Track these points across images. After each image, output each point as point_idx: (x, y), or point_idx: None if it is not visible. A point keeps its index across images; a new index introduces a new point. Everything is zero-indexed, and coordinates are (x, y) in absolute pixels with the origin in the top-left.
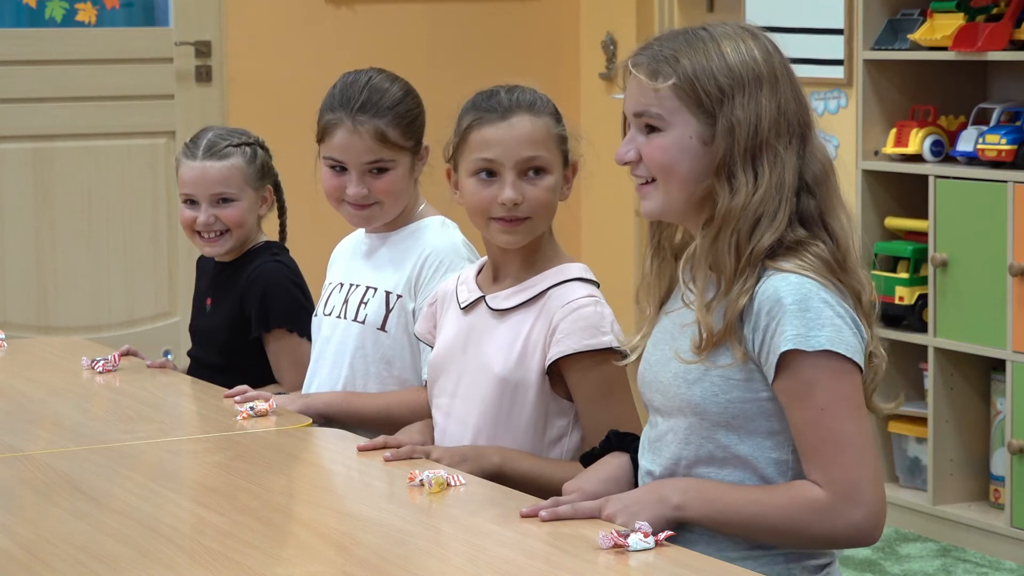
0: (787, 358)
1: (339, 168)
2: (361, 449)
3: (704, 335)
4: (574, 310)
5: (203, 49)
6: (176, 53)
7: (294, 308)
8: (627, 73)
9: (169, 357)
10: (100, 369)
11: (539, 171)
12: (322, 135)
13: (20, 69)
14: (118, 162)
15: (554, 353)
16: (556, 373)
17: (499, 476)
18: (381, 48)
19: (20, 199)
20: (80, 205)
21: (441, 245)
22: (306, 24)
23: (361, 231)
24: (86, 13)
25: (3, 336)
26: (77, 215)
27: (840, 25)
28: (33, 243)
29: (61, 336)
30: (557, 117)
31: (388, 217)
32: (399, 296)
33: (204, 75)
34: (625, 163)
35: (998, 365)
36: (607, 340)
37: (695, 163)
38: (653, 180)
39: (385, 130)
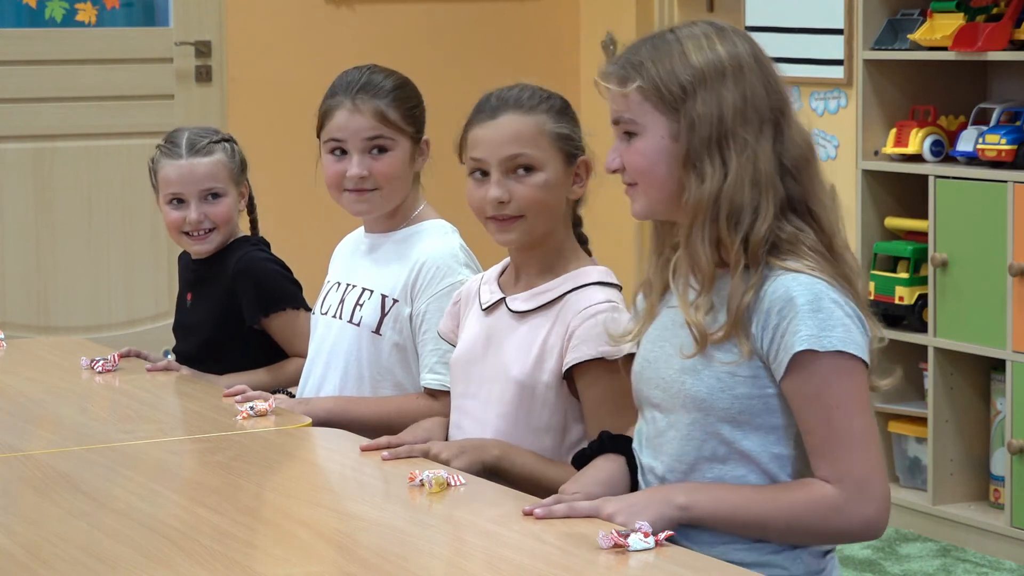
0: (799, 358)
1: (339, 152)
2: (364, 449)
3: (696, 334)
4: (590, 316)
5: (203, 49)
6: (176, 53)
7: (285, 288)
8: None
9: (169, 357)
10: (100, 369)
11: (528, 169)
12: (322, 121)
13: (20, 69)
14: (118, 162)
15: (571, 359)
16: (573, 378)
17: (497, 469)
18: (381, 48)
19: (20, 199)
20: (80, 205)
21: (439, 251)
22: (306, 24)
23: (361, 230)
24: (86, 13)
25: (3, 336)
26: (77, 215)
27: (840, 25)
28: (33, 243)
29: (61, 336)
30: (558, 114)
31: (387, 205)
32: (395, 301)
33: (204, 75)
34: (613, 171)
35: (998, 365)
36: (625, 348)
37: (671, 162)
38: (637, 183)
39: (385, 110)
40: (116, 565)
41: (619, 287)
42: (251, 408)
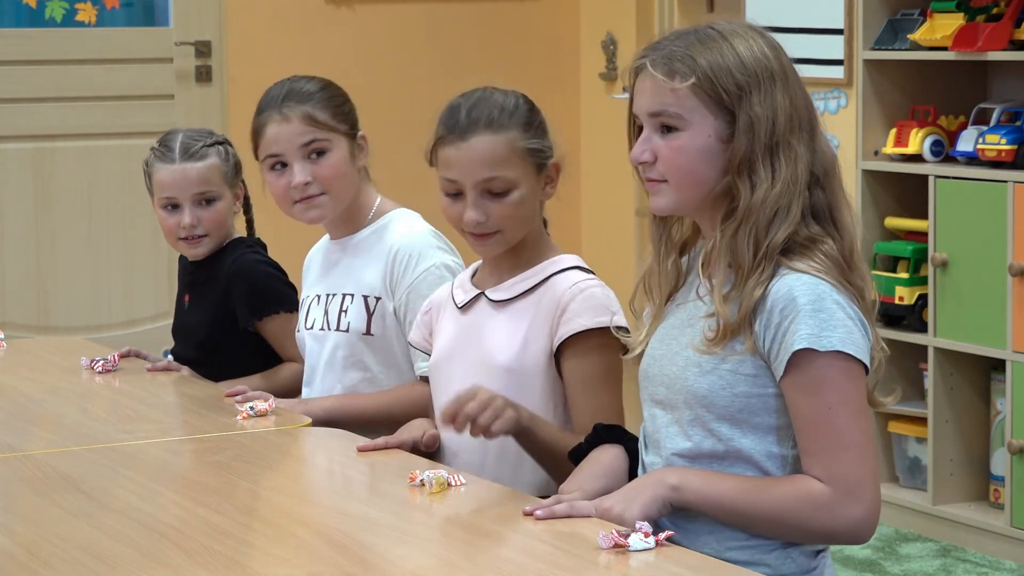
0: (799, 356)
1: (280, 166)
2: (361, 450)
3: (721, 325)
4: (583, 290)
5: (203, 49)
6: (176, 53)
7: (278, 291)
8: (637, 73)
9: (169, 357)
10: (100, 369)
11: (502, 190)
12: (256, 140)
13: (20, 69)
14: (118, 162)
15: (564, 332)
16: (562, 356)
17: (529, 432)
18: (381, 48)
19: (20, 199)
20: (80, 205)
21: (408, 238)
22: (306, 24)
23: (325, 239)
24: (86, 13)
25: (3, 336)
26: (77, 215)
27: (840, 25)
28: (33, 243)
29: (61, 336)
30: (526, 126)
31: (338, 207)
32: (378, 298)
33: (204, 75)
34: (640, 163)
35: (998, 365)
36: (618, 319)
37: (713, 162)
38: (665, 179)
39: (313, 112)
40: (116, 565)
41: (593, 273)
42: (251, 408)
